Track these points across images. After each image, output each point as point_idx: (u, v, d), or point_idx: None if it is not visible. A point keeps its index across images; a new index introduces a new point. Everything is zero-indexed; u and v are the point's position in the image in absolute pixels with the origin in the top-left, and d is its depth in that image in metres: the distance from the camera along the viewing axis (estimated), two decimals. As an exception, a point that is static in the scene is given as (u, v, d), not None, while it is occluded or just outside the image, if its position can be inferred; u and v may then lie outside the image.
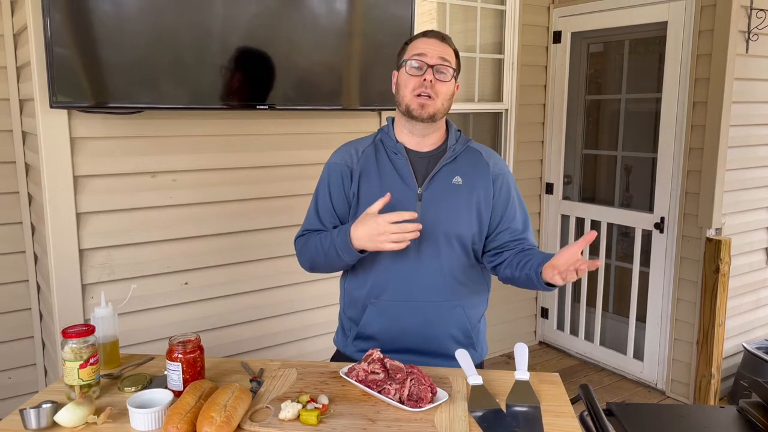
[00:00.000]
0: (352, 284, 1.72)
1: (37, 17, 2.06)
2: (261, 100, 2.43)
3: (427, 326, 1.65)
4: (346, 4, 2.56)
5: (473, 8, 3.63)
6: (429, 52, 1.57)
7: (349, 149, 1.70)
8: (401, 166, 1.63)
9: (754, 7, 3.09)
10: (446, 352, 1.64)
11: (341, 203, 1.67)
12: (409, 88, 1.58)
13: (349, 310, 1.74)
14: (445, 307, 1.64)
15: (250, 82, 2.40)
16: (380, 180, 1.63)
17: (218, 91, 2.35)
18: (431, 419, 1.32)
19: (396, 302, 1.63)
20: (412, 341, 1.65)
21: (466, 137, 1.72)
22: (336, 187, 1.67)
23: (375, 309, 1.66)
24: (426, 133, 1.64)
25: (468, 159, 1.67)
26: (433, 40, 1.60)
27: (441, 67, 1.57)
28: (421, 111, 1.57)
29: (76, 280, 2.27)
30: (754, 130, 3.32)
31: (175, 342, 1.44)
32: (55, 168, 2.18)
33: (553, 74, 3.94)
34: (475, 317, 1.72)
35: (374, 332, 1.67)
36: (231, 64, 2.35)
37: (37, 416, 1.27)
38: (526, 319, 4.20)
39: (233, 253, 2.60)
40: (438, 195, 1.62)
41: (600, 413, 1.42)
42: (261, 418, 1.32)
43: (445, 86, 1.58)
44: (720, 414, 1.55)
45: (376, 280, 1.64)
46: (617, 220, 3.74)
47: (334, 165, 1.69)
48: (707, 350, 3.22)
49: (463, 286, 1.66)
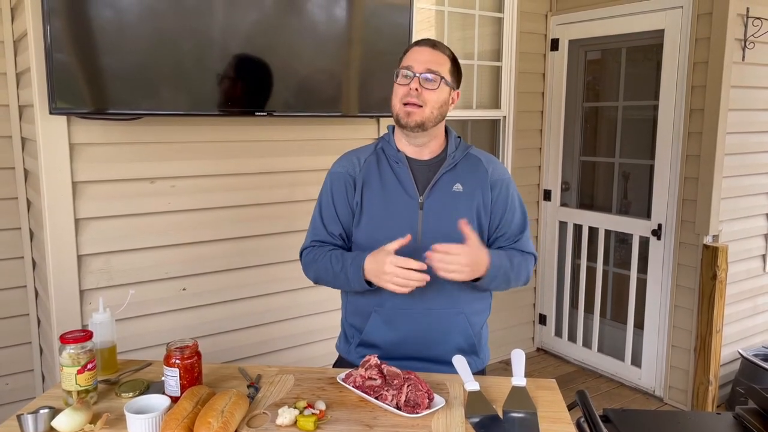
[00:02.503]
0: (355, 292, 1.71)
1: (37, 24, 2.07)
2: (260, 107, 2.44)
3: (431, 334, 1.65)
4: (346, 11, 2.58)
5: (471, 16, 3.65)
6: (416, 62, 1.59)
7: (351, 158, 1.70)
8: (403, 174, 1.64)
9: (750, 15, 3.11)
10: (450, 359, 1.64)
11: (345, 212, 1.67)
12: (398, 97, 1.60)
13: (352, 318, 1.74)
14: (448, 314, 1.65)
15: (249, 89, 2.41)
16: (383, 189, 1.64)
17: (217, 98, 2.35)
18: (428, 425, 1.32)
19: (400, 310, 1.64)
20: (416, 349, 1.65)
21: (466, 144, 1.72)
22: (339, 196, 1.67)
23: (379, 317, 1.66)
24: (422, 142, 1.65)
25: (468, 166, 1.68)
26: (423, 49, 1.61)
27: (427, 75, 1.58)
28: (408, 119, 1.58)
29: (74, 285, 2.27)
30: (750, 137, 3.33)
31: (173, 348, 1.44)
32: (54, 174, 2.19)
33: (551, 81, 3.96)
34: (478, 324, 1.72)
35: (378, 340, 1.67)
36: (230, 70, 2.36)
37: (34, 422, 1.27)
38: (524, 326, 4.20)
39: (231, 259, 2.60)
40: (439, 203, 1.63)
41: (596, 419, 1.42)
42: (258, 423, 1.32)
43: (433, 94, 1.58)
44: (716, 420, 1.55)
45: (381, 288, 1.63)
46: (615, 227, 3.75)
47: (337, 174, 1.69)
48: (705, 357, 3.22)
49: (466, 293, 1.66)
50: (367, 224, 1.65)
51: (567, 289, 4.08)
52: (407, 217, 1.62)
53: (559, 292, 4.13)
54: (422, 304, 1.62)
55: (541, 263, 4.16)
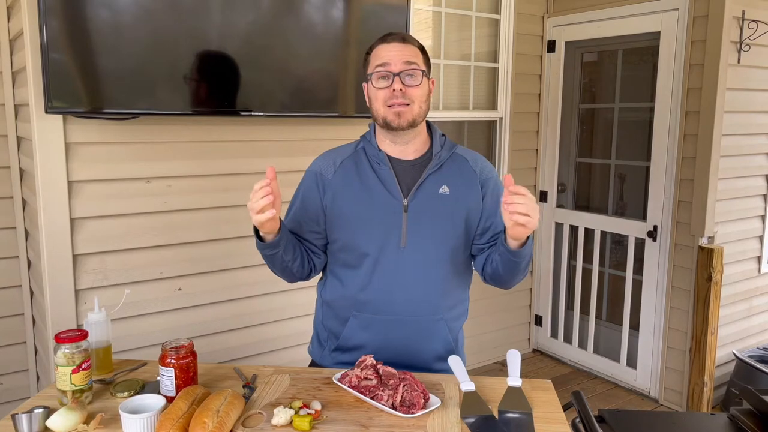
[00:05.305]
0: (332, 294, 1.67)
1: (33, 23, 2.07)
2: (256, 107, 2.44)
3: (411, 340, 1.62)
4: (342, 12, 2.58)
5: (468, 17, 3.65)
6: (392, 60, 1.51)
7: (328, 159, 1.66)
8: (385, 175, 1.59)
9: (746, 18, 3.12)
10: (428, 366, 1.63)
11: (308, 211, 1.63)
12: (380, 100, 1.53)
13: (328, 321, 1.70)
14: (428, 321, 1.61)
15: (246, 89, 2.41)
16: (363, 190, 1.59)
17: (214, 98, 2.35)
18: (424, 425, 1.32)
19: (380, 316, 1.60)
20: (394, 355, 1.61)
21: (451, 142, 1.67)
22: (306, 194, 1.64)
23: (358, 322, 1.62)
24: (407, 140, 1.59)
25: (455, 167, 1.63)
26: (393, 45, 1.53)
27: (407, 71, 1.51)
28: (399, 120, 1.52)
29: (69, 285, 2.27)
30: (746, 139, 3.34)
31: (168, 347, 1.43)
32: (49, 173, 2.18)
33: (548, 83, 3.97)
34: (456, 329, 1.70)
35: (356, 345, 1.64)
36: (227, 70, 2.35)
37: (29, 421, 1.27)
38: (519, 327, 4.21)
39: (227, 260, 2.60)
40: (424, 205, 1.58)
41: (591, 420, 1.42)
42: (254, 423, 1.32)
43: (417, 90, 1.53)
44: (711, 421, 1.55)
45: (360, 292, 1.61)
46: (611, 228, 3.76)
47: (311, 173, 1.66)
48: (700, 358, 3.23)
49: (447, 298, 1.64)
50: (346, 226, 1.60)
51: (563, 290, 4.09)
52: (390, 219, 1.57)
53: (555, 294, 4.14)
54: (403, 311, 1.59)
55: (537, 264, 4.17)
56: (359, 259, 1.60)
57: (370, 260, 1.59)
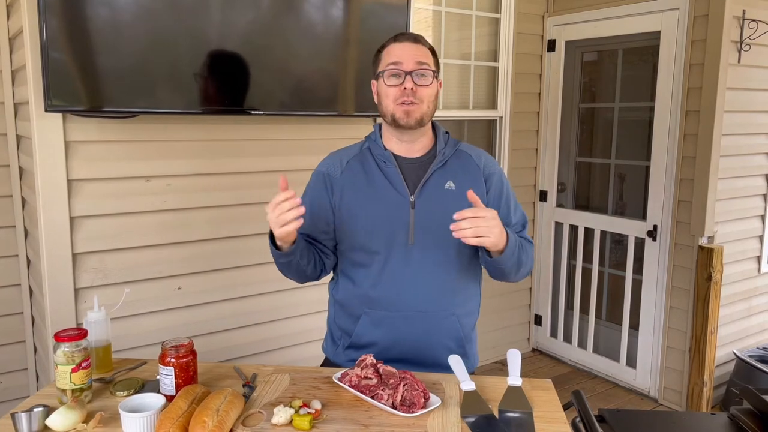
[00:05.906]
0: (344, 294, 1.69)
1: (33, 21, 2.06)
2: (257, 106, 2.43)
3: (422, 336, 1.63)
4: (343, 12, 2.58)
5: (468, 16, 3.65)
6: (404, 59, 1.54)
7: (335, 159, 1.68)
8: (391, 173, 1.61)
9: (747, 17, 3.12)
10: (440, 362, 1.63)
11: (318, 211, 1.64)
12: (390, 98, 1.56)
13: (341, 320, 1.72)
14: (439, 316, 1.63)
15: (245, 88, 2.40)
16: (370, 189, 1.61)
17: (214, 96, 2.35)
18: (424, 425, 1.32)
19: (391, 313, 1.61)
20: (406, 351, 1.63)
21: (455, 140, 1.70)
22: (315, 195, 1.66)
23: (369, 319, 1.64)
24: (414, 139, 1.62)
25: (459, 163, 1.66)
26: (406, 44, 1.57)
27: (419, 71, 1.54)
28: (408, 118, 1.55)
29: (68, 284, 2.26)
30: (746, 139, 3.34)
31: (168, 346, 1.43)
32: (49, 172, 2.18)
33: (548, 82, 3.96)
34: (469, 325, 1.71)
35: (368, 342, 1.65)
36: (227, 69, 2.35)
37: (28, 420, 1.27)
38: (519, 327, 4.21)
39: (227, 258, 2.59)
40: (431, 201, 1.60)
41: (591, 419, 1.42)
42: (253, 423, 1.32)
43: (427, 90, 1.56)
44: (711, 421, 1.55)
45: (370, 289, 1.62)
46: (610, 228, 3.76)
47: (318, 174, 1.68)
48: (699, 358, 3.23)
49: (457, 294, 1.65)
50: (355, 225, 1.62)
51: (562, 289, 4.09)
52: (398, 216, 1.59)
53: (555, 293, 4.14)
54: (414, 307, 1.61)
55: (537, 264, 4.17)
56: (369, 256, 1.62)
57: (379, 257, 1.60)
